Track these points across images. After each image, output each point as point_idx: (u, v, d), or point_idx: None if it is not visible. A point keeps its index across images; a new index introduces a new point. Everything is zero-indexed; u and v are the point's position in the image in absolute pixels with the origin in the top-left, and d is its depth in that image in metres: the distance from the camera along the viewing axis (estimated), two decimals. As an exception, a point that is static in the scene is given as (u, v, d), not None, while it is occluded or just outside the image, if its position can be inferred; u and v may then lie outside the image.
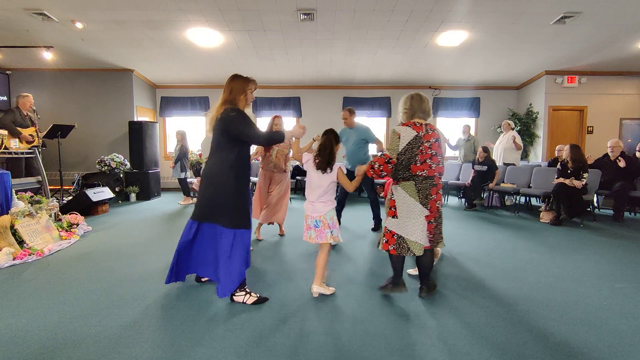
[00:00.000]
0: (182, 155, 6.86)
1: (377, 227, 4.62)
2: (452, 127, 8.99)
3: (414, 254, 2.40)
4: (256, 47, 6.63)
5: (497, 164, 6.79)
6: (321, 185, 2.55)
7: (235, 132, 2.39)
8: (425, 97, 2.52)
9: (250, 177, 2.73)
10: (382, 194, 6.61)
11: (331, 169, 2.53)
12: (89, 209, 5.55)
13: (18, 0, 4.93)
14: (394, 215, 2.45)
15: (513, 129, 7.09)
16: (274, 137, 2.49)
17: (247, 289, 2.49)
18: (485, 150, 6.26)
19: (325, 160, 2.52)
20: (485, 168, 6.16)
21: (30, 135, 5.18)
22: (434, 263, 2.90)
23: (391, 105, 8.89)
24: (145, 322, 2.19)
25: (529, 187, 5.95)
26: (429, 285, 2.58)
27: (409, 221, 2.40)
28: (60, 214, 4.63)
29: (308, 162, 2.62)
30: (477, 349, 1.91)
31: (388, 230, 2.48)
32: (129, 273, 3.06)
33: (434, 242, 2.49)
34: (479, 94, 8.94)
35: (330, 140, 2.56)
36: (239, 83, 2.58)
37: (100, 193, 5.83)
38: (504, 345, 1.94)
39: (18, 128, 5.10)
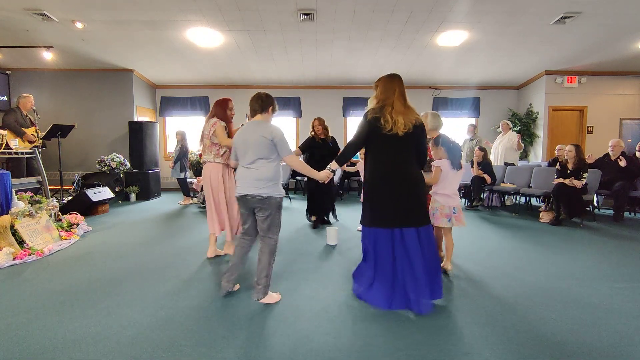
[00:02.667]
0: (181, 155, 6.86)
1: None
2: (452, 127, 8.99)
3: None
4: (256, 47, 6.63)
5: (497, 164, 6.80)
6: (457, 180, 3.06)
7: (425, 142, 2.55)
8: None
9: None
10: None
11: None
12: (89, 209, 5.55)
13: (18, 0, 4.93)
14: None
15: (512, 129, 7.10)
16: None
17: None
18: (482, 150, 6.27)
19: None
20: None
21: (32, 135, 5.19)
22: None
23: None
24: (145, 322, 2.19)
25: (529, 187, 5.95)
26: None
27: None
28: (60, 214, 4.63)
29: (444, 162, 3.00)
30: (477, 349, 1.91)
31: None
32: (129, 273, 3.06)
33: None
34: (479, 94, 8.94)
35: None
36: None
37: (100, 193, 5.83)
38: (504, 345, 1.94)
39: (21, 128, 5.12)
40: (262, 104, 2.50)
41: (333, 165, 2.68)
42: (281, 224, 2.55)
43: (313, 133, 4.80)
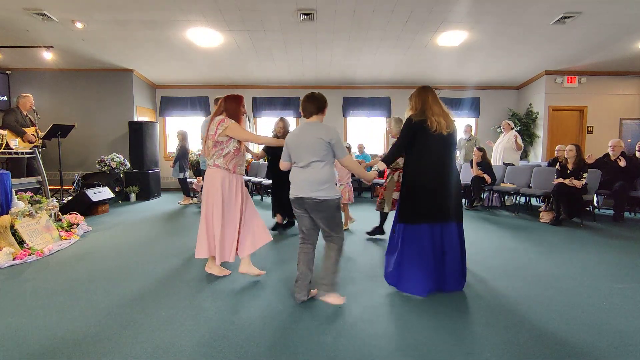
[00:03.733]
0: (181, 155, 6.85)
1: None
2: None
3: None
4: (256, 47, 6.63)
5: (496, 164, 6.80)
6: None
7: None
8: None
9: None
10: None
11: None
12: (89, 209, 5.55)
13: (18, 0, 4.93)
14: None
15: (513, 129, 7.10)
16: None
17: None
18: (481, 150, 6.27)
19: None
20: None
21: (32, 134, 5.20)
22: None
23: (391, 105, 8.88)
24: (145, 321, 2.19)
25: (529, 187, 5.95)
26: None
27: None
28: (60, 214, 4.62)
29: None
30: (477, 349, 1.91)
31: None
32: (129, 273, 3.06)
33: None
34: (479, 94, 8.94)
35: None
36: None
37: (100, 193, 5.83)
38: (504, 345, 1.94)
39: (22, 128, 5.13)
40: (319, 104, 2.46)
41: (380, 165, 2.78)
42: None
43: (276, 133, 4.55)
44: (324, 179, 2.36)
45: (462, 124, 7.62)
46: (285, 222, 4.63)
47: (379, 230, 4.25)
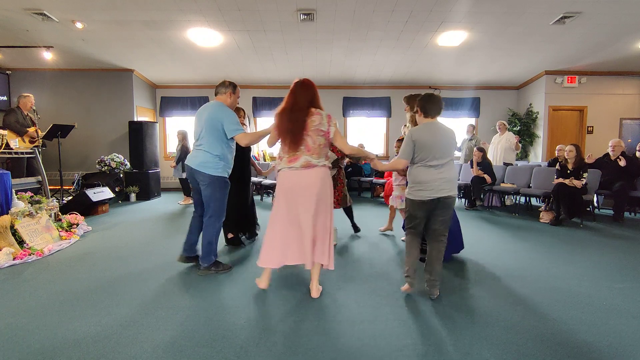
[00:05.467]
0: (183, 155, 6.86)
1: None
2: (452, 127, 8.98)
3: None
4: (256, 47, 6.63)
5: (495, 164, 6.80)
6: None
7: None
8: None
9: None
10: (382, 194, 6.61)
11: None
12: (89, 209, 5.55)
13: (18, 0, 4.94)
14: None
15: (508, 129, 7.10)
16: None
17: None
18: (481, 150, 6.27)
19: None
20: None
21: (33, 132, 5.20)
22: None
23: (391, 105, 8.88)
24: (145, 322, 2.19)
25: (529, 187, 5.95)
26: None
27: None
28: (60, 214, 4.63)
29: None
30: (477, 349, 1.91)
31: None
32: (129, 273, 3.06)
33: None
34: (479, 94, 8.94)
35: None
36: None
37: (100, 193, 5.83)
38: (504, 345, 1.94)
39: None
40: (440, 105, 2.58)
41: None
42: None
43: None
44: (455, 177, 2.57)
45: (462, 124, 7.62)
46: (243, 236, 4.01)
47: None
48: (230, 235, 3.85)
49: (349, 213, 4.46)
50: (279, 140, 2.56)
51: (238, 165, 3.39)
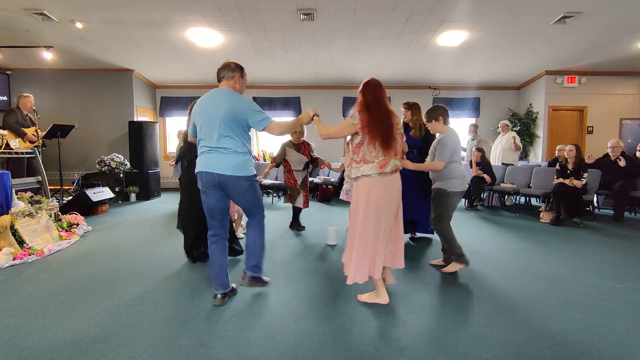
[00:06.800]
0: (182, 155, 6.84)
1: None
2: (452, 127, 8.98)
3: None
4: (256, 47, 6.62)
5: (496, 164, 6.80)
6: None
7: None
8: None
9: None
10: None
11: None
12: (89, 209, 5.55)
13: (18, 0, 4.93)
14: None
15: (511, 129, 7.11)
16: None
17: None
18: (480, 150, 6.27)
19: None
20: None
21: (33, 134, 5.20)
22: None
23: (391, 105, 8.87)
24: (145, 322, 2.19)
25: (529, 187, 5.95)
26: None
27: None
28: (60, 214, 4.62)
29: None
30: (477, 349, 1.91)
31: None
32: (129, 273, 3.06)
33: None
34: (479, 94, 8.93)
35: None
36: None
37: (100, 193, 5.82)
38: (504, 345, 1.94)
39: (22, 128, 5.13)
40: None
41: None
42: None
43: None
44: None
45: (462, 124, 7.62)
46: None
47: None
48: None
49: (298, 211, 4.68)
50: (352, 142, 2.43)
51: None
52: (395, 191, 2.38)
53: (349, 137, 2.60)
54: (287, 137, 4.53)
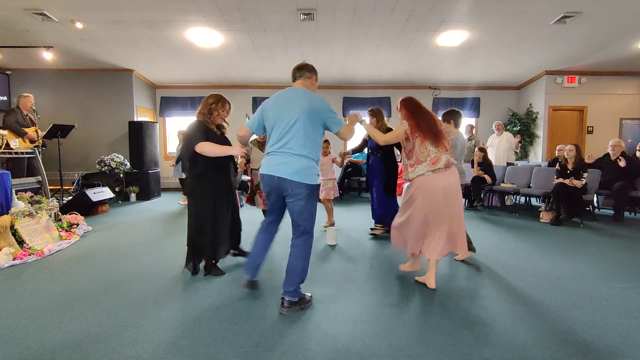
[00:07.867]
0: (182, 155, 6.84)
1: None
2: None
3: None
4: (256, 47, 6.63)
5: (497, 164, 6.80)
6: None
7: None
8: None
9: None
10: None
11: None
12: (89, 209, 5.55)
13: (18, 0, 4.93)
14: None
15: (505, 129, 7.13)
16: None
17: None
18: (482, 150, 6.27)
19: None
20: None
21: (33, 133, 5.20)
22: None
23: (391, 105, 8.88)
24: (145, 322, 2.19)
25: (529, 187, 5.95)
26: None
27: None
28: (60, 214, 4.62)
29: None
30: (477, 349, 1.91)
31: None
32: (129, 273, 3.06)
33: None
34: (479, 94, 8.93)
35: None
36: None
37: (100, 193, 5.82)
38: (504, 346, 1.94)
39: (22, 128, 5.13)
40: None
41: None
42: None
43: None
44: None
45: (462, 123, 7.61)
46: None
47: None
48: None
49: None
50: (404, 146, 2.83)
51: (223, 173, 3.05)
52: (451, 183, 2.68)
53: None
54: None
